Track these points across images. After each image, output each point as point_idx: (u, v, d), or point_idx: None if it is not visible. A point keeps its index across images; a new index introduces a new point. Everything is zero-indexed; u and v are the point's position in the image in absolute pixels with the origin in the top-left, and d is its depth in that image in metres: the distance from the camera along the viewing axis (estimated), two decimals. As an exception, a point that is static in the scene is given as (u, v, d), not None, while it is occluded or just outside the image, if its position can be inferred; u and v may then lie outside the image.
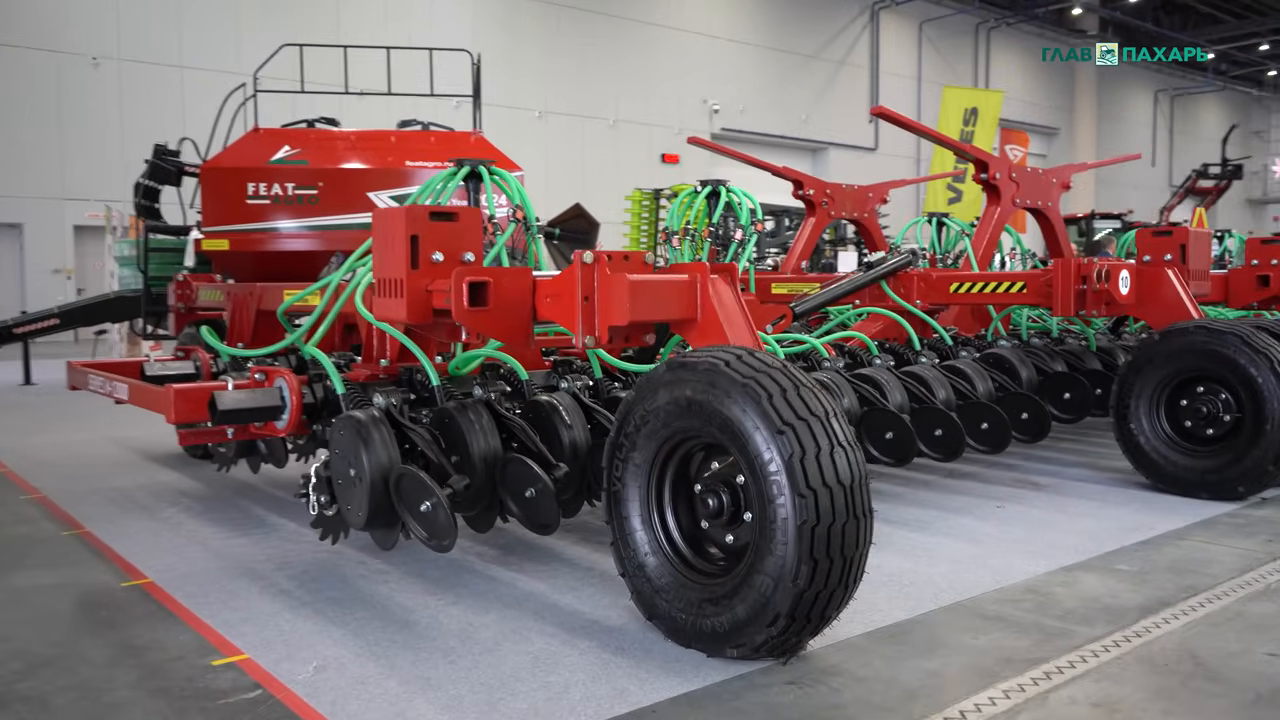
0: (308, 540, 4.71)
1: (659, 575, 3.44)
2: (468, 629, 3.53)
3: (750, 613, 3.09)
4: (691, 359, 3.30)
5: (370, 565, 4.31)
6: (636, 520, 3.52)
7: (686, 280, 3.76)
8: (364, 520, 3.72)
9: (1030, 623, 3.59)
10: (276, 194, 8.34)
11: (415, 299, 3.87)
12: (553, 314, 3.87)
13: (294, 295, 5.46)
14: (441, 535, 3.49)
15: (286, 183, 8.39)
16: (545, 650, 3.33)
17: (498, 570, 4.23)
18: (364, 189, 8.71)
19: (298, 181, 8.39)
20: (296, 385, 4.34)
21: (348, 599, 3.87)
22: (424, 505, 3.51)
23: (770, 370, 3.17)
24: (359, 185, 8.67)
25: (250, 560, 4.41)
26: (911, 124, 7.99)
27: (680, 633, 3.33)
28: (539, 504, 3.74)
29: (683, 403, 3.29)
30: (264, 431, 4.51)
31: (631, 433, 3.49)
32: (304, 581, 4.10)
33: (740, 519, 3.30)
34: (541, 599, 3.86)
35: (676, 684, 3.06)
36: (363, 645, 3.38)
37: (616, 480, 3.56)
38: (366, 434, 3.70)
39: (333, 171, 8.54)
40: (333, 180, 8.49)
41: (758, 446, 3.05)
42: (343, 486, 3.88)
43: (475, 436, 3.90)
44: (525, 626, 3.56)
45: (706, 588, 3.29)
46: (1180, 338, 5.66)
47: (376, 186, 8.81)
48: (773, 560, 3.03)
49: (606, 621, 3.62)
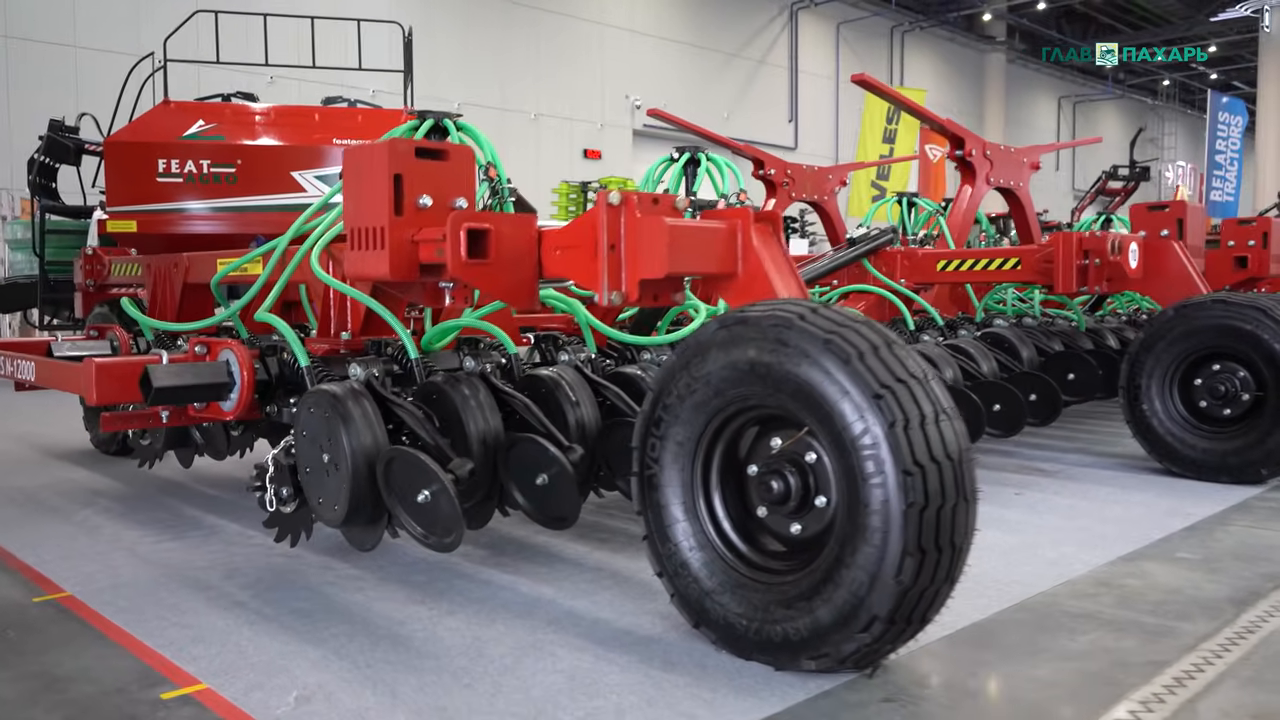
0: (257, 543, 4.02)
1: (708, 574, 2.88)
2: (475, 644, 2.92)
3: (837, 616, 2.56)
4: (755, 313, 2.76)
5: (338, 570, 3.65)
6: (678, 509, 2.95)
7: (726, 229, 3.22)
8: (342, 515, 3.07)
9: (1125, 620, 3.14)
10: (190, 172, 7.52)
11: (399, 251, 3.24)
12: (564, 268, 3.28)
13: (229, 264, 4.77)
14: (445, 529, 2.87)
15: (201, 160, 7.57)
16: (577, 668, 2.74)
17: (491, 573, 3.61)
18: (287, 168, 7.96)
19: (214, 159, 7.59)
20: (247, 358, 3.65)
21: (319, 611, 3.21)
22: (422, 494, 2.88)
23: (855, 324, 2.64)
24: (282, 164, 7.90)
25: (190, 568, 3.70)
26: (891, 93, 7.63)
27: (739, 642, 2.78)
28: (554, 492, 3.15)
29: (742, 366, 2.74)
30: (206, 414, 3.80)
31: (673, 405, 2.92)
32: (260, 591, 3.42)
33: (809, 505, 2.77)
34: (554, 606, 3.26)
35: (751, 706, 2.50)
36: (349, 668, 2.74)
37: (652, 462, 2.99)
38: (345, 410, 3.06)
39: (253, 149, 7.75)
40: (253, 158, 7.70)
41: (845, 415, 2.52)
42: (312, 476, 3.22)
43: (472, 415, 3.29)
44: (544, 640, 2.96)
45: (773, 588, 2.75)
46: (1197, 313, 5.33)
47: (301, 165, 8.06)
48: (867, 552, 2.50)
49: (639, 631, 3.04)
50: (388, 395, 3.19)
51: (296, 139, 8.11)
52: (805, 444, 2.78)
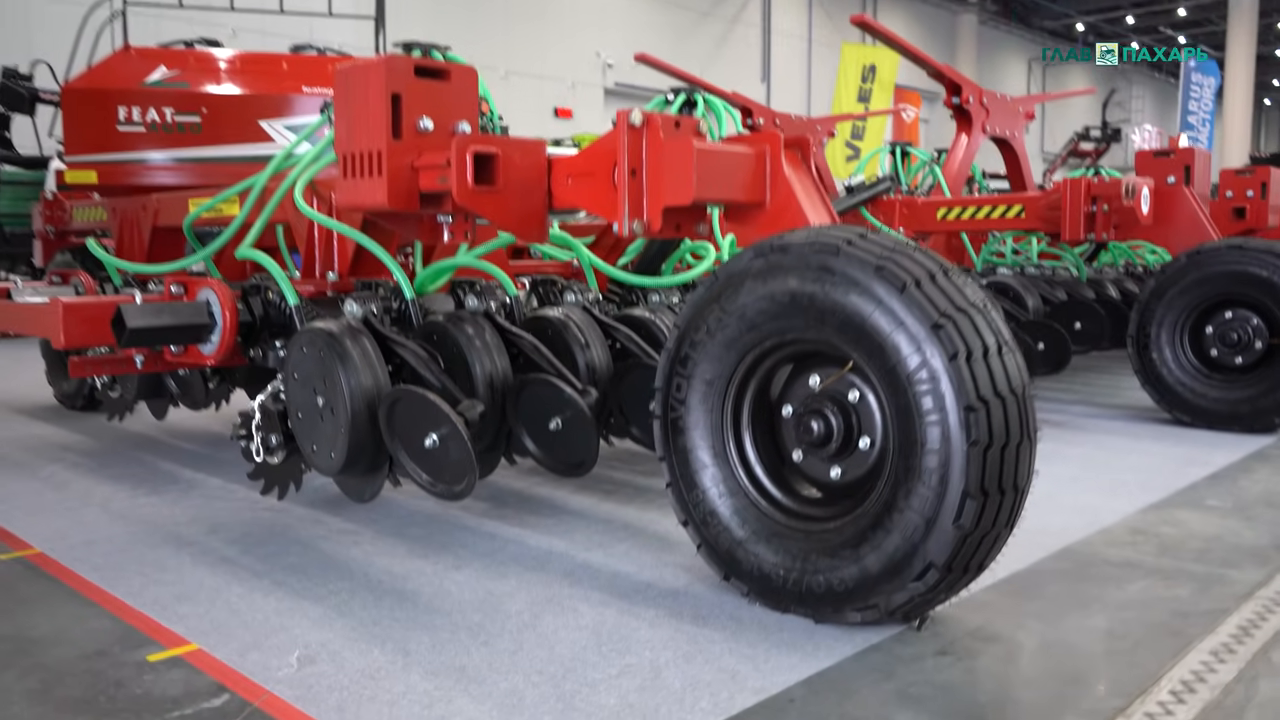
0: (241, 497, 3.76)
1: (740, 523, 2.67)
2: (488, 599, 2.70)
3: (887, 564, 2.37)
4: (796, 240, 2.53)
5: (329, 524, 3.41)
6: (705, 454, 2.74)
7: (754, 154, 2.98)
8: (339, 463, 2.83)
9: (1171, 569, 2.98)
10: (153, 120, 7.14)
11: (398, 178, 2.98)
12: (577, 198, 3.04)
13: (203, 204, 4.47)
14: (456, 476, 2.64)
15: (164, 108, 7.18)
16: (601, 623, 2.54)
17: (495, 526, 3.39)
18: (255, 117, 7.61)
19: (178, 107, 7.20)
20: (229, 298, 3.38)
21: (314, 567, 2.97)
22: (430, 438, 2.65)
23: (908, 250, 2.43)
24: (249, 112, 7.53)
25: (170, 523, 3.44)
26: (893, 36, 7.38)
27: (775, 593, 2.58)
28: (571, 435, 2.92)
29: (782, 298, 2.52)
30: (184, 359, 3.53)
31: (701, 341, 2.70)
32: (249, 547, 3.17)
33: (852, 447, 2.57)
34: (567, 559, 3.05)
35: (796, 661, 2.31)
36: (354, 625, 2.52)
37: (677, 404, 2.77)
38: (342, 349, 2.80)
39: (219, 97, 7.37)
40: (219, 107, 7.31)
41: (900, 348, 2.31)
42: (304, 422, 2.98)
43: (478, 355, 3.05)
44: (561, 594, 2.75)
45: (813, 536, 2.55)
46: (1210, 259, 5.18)
47: (270, 114, 7.71)
48: (923, 494, 2.30)
49: (663, 584, 2.84)
50: (388, 333, 2.94)
51: (264, 87, 7.73)
52: (847, 382, 2.58)
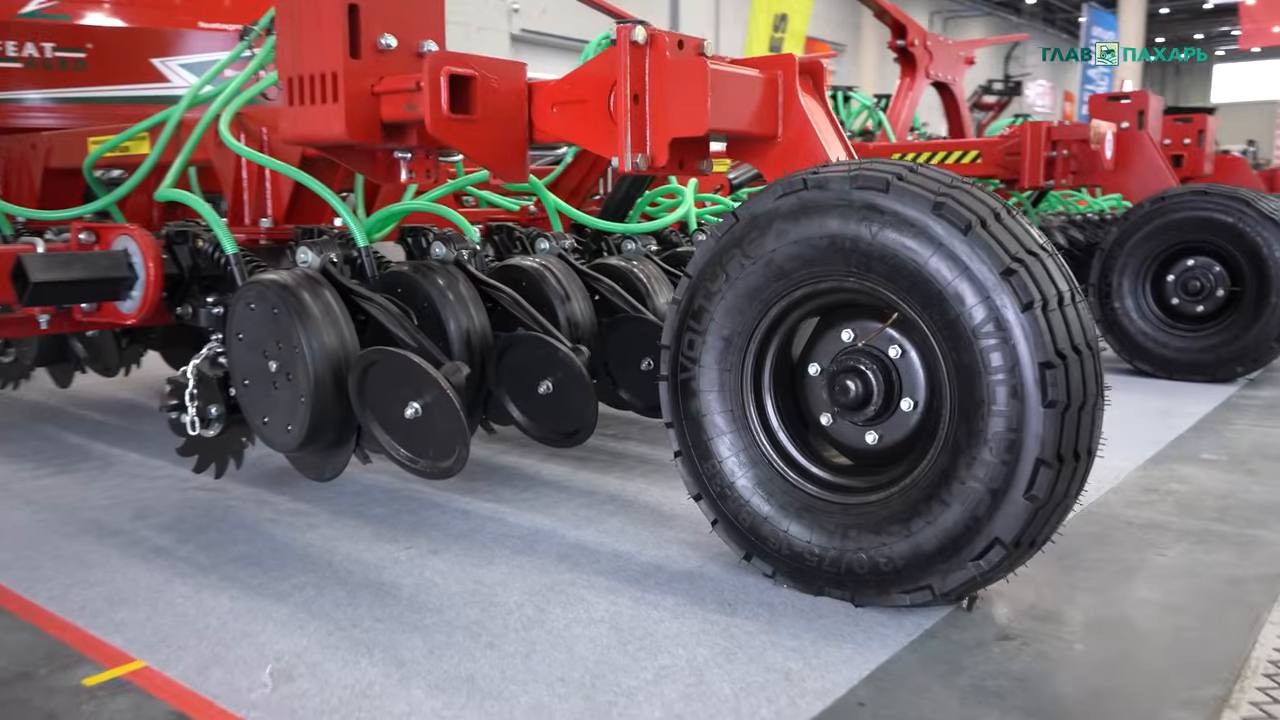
0: (166, 475, 3.32)
1: (765, 496, 2.38)
2: (479, 590, 2.36)
3: (944, 541, 2.11)
4: (836, 174, 2.22)
5: (276, 504, 3.01)
6: (722, 419, 2.44)
7: (764, 79, 2.65)
8: (299, 437, 2.44)
9: (1199, 530, 2.81)
10: (30, 56, 6.40)
11: (357, 104, 2.57)
12: (563, 129, 2.67)
13: (105, 142, 3.95)
14: (444, 450, 2.28)
15: (44, 42, 6.46)
16: (618, 615, 2.23)
17: (466, 501, 3.04)
18: (147, 54, 6.94)
19: (59, 41, 6.49)
20: (152, 247, 2.91)
21: (268, 557, 2.58)
22: (413, 407, 2.28)
23: (967, 185, 2.15)
24: (141, 49, 6.85)
25: (86, 508, 2.99)
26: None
27: (807, 574, 2.31)
28: (566, 400, 2.58)
29: (818, 241, 2.22)
30: (97, 319, 3.05)
31: (719, 292, 2.39)
32: (186, 535, 2.76)
33: (892, 409, 2.30)
34: (556, 538, 2.72)
35: (850, 653, 2.04)
36: (330, 629, 2.15)
37: (689, 363, 2.46)
38: (301, 305, 2.40)
39: (106, 31, 6.66)
40: (106, 42, 6.61)
41: (964, 297, 2.04)
42: (253, 390, 2.57)
43: (452, 310, 2.67)
44: (562, 581, 2.43)
45: (854, 510, 2.28)
46: (1175, 206, 5.08)
47: (164, 51, 7.05)
48: (989, 463, 2.04)
49: (671, 565, 2.54)
50: (351, 286, 2.54)
51: (158, 21, 7.06)
52: (885, 336, 2.30)
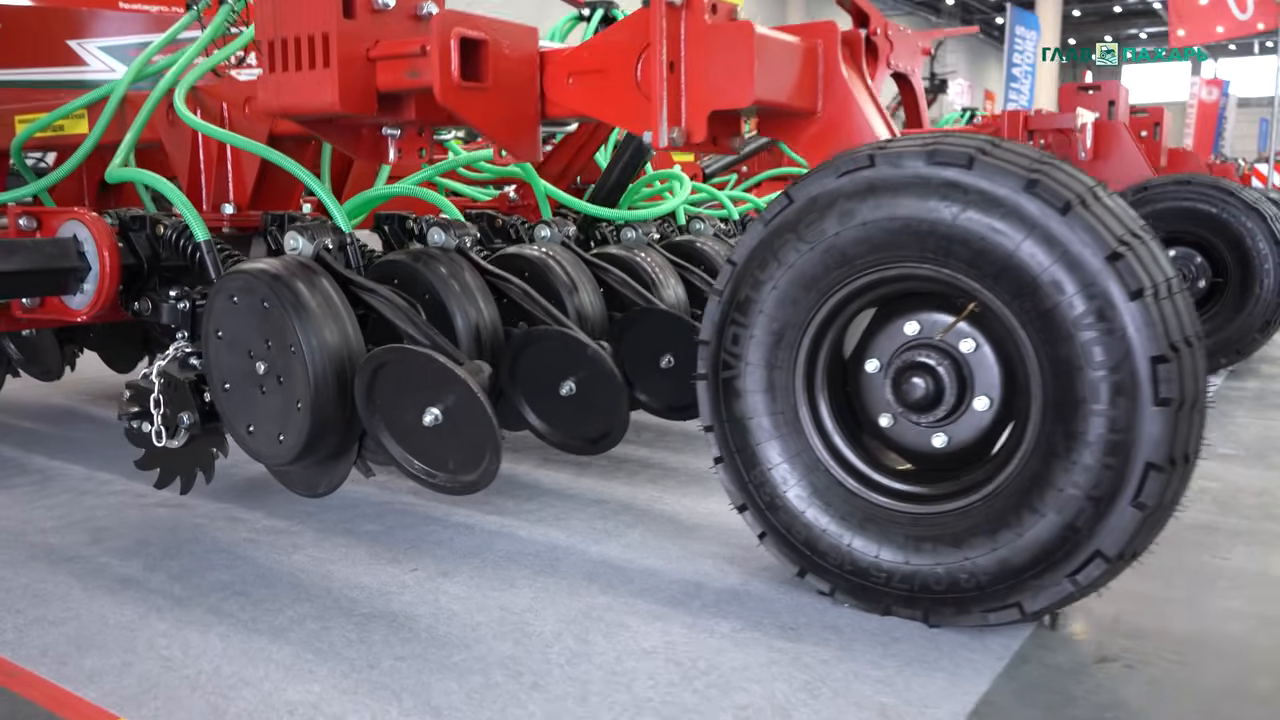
0: (118, 491, 2.96)
1: (822, 506, 2.16)
2: (507, 619, 2.09)
3: (1036, 554, 1.90)
4: (909, 148, 2.01)
5: (250, 522, 2.69)
6: (770, 421, 2.20)
7: (803, 47, 2.42)
8: (295, 448, 2.13)
9: (1253, 530, 2.68)
10: (-73, 34, 5.92)
11: (352, 70, 2.27)
12: (581, 101, 2.42)
13: (36, 120, 3.58)
14: (469, 461, 2.00)
15: (-58, 19, 5.98)
16: (672, 644, 1.97)
17: (466, 514, 2.75)
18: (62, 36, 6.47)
19: (-42, 18, 6.02)
20: (106, 234, 2.57)
21: (254, 585, 2.27)
22: (432, 413, 1.99)
23: (1056, 160, 1.95)
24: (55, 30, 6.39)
25: (32, 530, 2.63)
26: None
27: (873, 592, 2.09)
28: (593, 402, 2.32)
29: (890, 224, 1.99)
30: (40, 316, 2.69)
31: (768, 282, 2.15)
32: (154, 561, 2.42)
33: (963, 409, 2.09)
34: (577, 555, 2.46)
35: (945, 684, 1.82)
36: (345, 671, 1.86)
37: (731, 360, 2.22)
38: (298, 298, 2.09)
39: (15, 10, 6.19)
40: (14, 21, 6.14)
41: (1063, 284, 1.83)
42: (235, 395, 2.25)
43: (458, 302, 2.39)
44: (597, 605, 2.16)
45: (926, 521, 2.06)
46: (1159, 195, 5.01)
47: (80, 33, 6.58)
48: (1090, 467, 1.84)
49: (713, 582, 2.30)
50: (351, 276, 2.24)
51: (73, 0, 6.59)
52: (955, 330, 2.09)
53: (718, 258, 3.40)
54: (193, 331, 2.57)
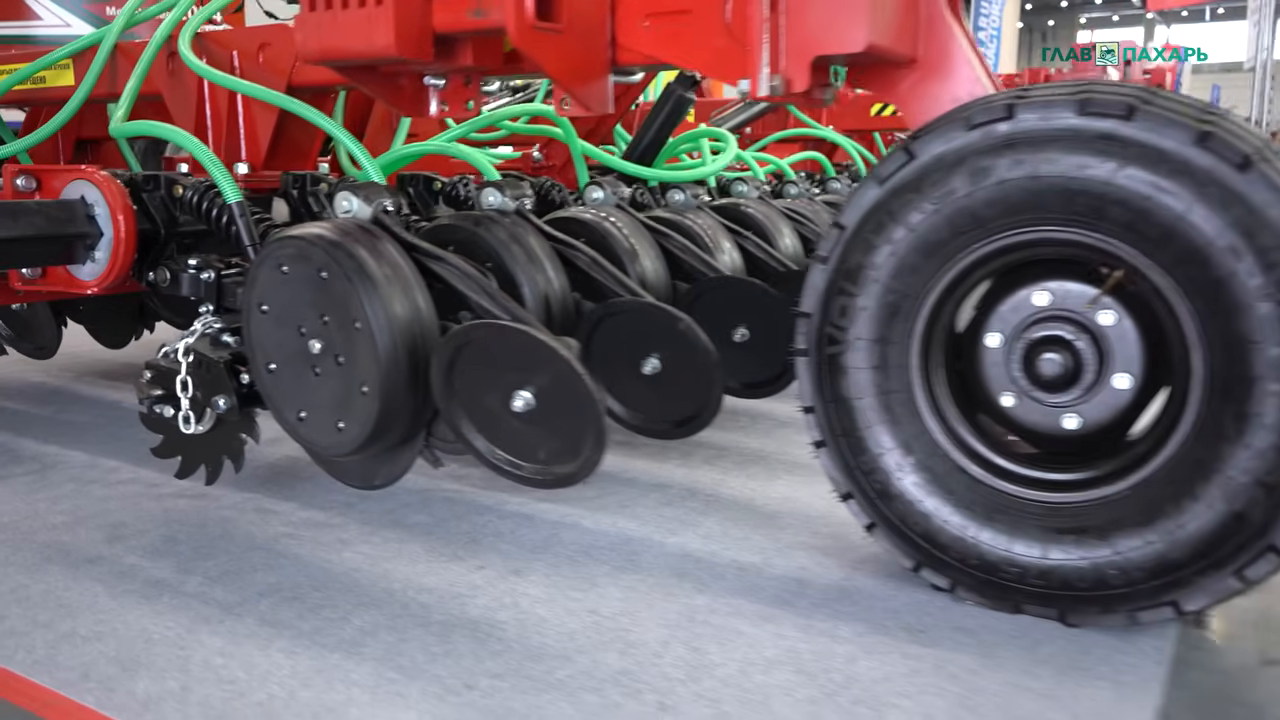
0: (126, 479, 2.70)
1: (942, 495, 1.96)
2: (602, 625, 1.87)
3: (1198, 547, 1.73)
4: (1052, 97, 1.80)
5: (284, 514, 2.44)
6: (880, 401, 2.00)
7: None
8: (360, 437, 1.89)
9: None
10: None
11: (408, 8, 2.01)
12: (658, 47, 2.18)
13: (16, 71, 3.28)
14: (568, 449, 1.77)
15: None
16: (796, 654, 1.77)
17: (520, 502, 2.52)
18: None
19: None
20: (120, 195, 2.28)
21: (308, 588, 2.03)
22: (523, 397, 1.75)
23: (1223, 111, 1.75)
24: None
25: (42, 528, 2.36)
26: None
27: (1004, 588, 1.90)
28: (679, 380, 2.10)
29: (1029, 182, 1.79)
30: (43, 288, 2.41)
31: (884, 247, 1.94)
32: (187, 562, 2.17)
33: (1101, 387, 1.90)
34: (655, 548, 2.24)
35: (1110, 695, 1.64)
36: (441, 694, 1.63)
37: (838, 334, 2.01)
38: (362, 266, 1.83)
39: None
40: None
41: (1239, 248, 1.64)
42: (283, 377, 2.00)
43: (527, 270, 2.15)
44: (698, 607, 1.96)
45: (1066, 511, 1.88)
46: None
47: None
48: (1263, 453, 1.67)
49: (815, 579, 2.10)
50: (416, 242, 1.98)
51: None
52: (1100, 301, 1.90)
53: (767, 221, 3.18)
54: (218, 304, 2.31)
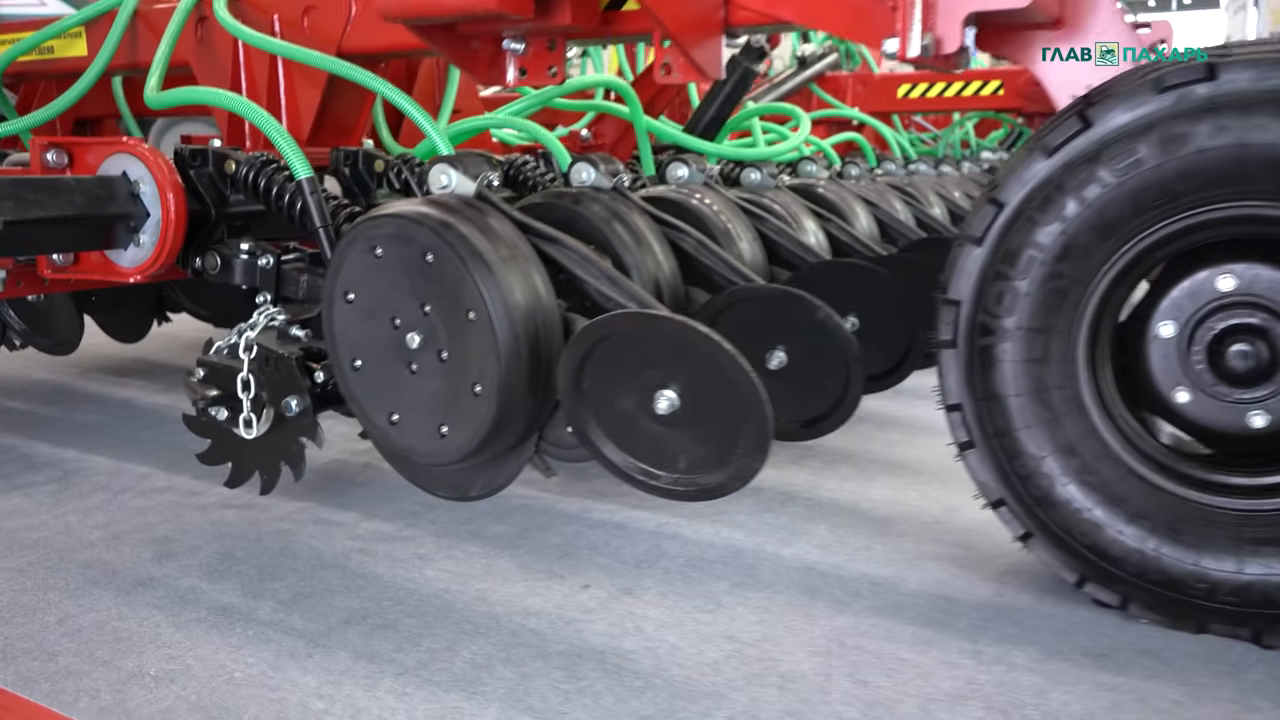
0: (160, 488, 2.44)
1: (1113, 503, 1.76)
2: (744, 654, 1.65)
3: None
4: (1256, 56, 1.60)
5: (350, 527, 2.20)
6: (1041, 398, 1.80)
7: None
8: (470, 444, 1.65)
9: None
10: None
11: (512, -43, 1.78)
12: (783, 5, 1.95)
13: (21, 40, 3.03)
14: (720, 455, 1.54)
15: None
16: (978, 686, 1.56)
17: (608, 509, 2.29)
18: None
19: None
20: (169, 172, 2.02)
21: (396, 614, 1.79)
22: (666, 396, 1.52)
23: None
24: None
25: (78, 545, 2.10)
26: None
27: (1188, 606, 1.71)
28: (811, 373, 1.88)
29: (1240, 152, 1.59)
30: (77, 275, 2.14)
31: (1050, 226, 1.73)
32: (252, 584, 1.92)
33: (1296, 380, 1.71)
34: (772, 561, 2.03)
35: (1341, 729, 1.45)
36: (578, 739, 1.41)
37: (993, 322, 1.80)
38: (477, 248, 1.59)
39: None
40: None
41: None
42: (372, 374, 1.75)
43: (634, 254, 1.93)
44: (844, 630, 1.74)
45: (1261, 520, 1.68)
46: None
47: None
48: None
49: (961, 595, 1.89)
50: (529, 222, 1.74)
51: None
52: None
53: (842, 203, 2.97)
54: (277, 294, 2.06)
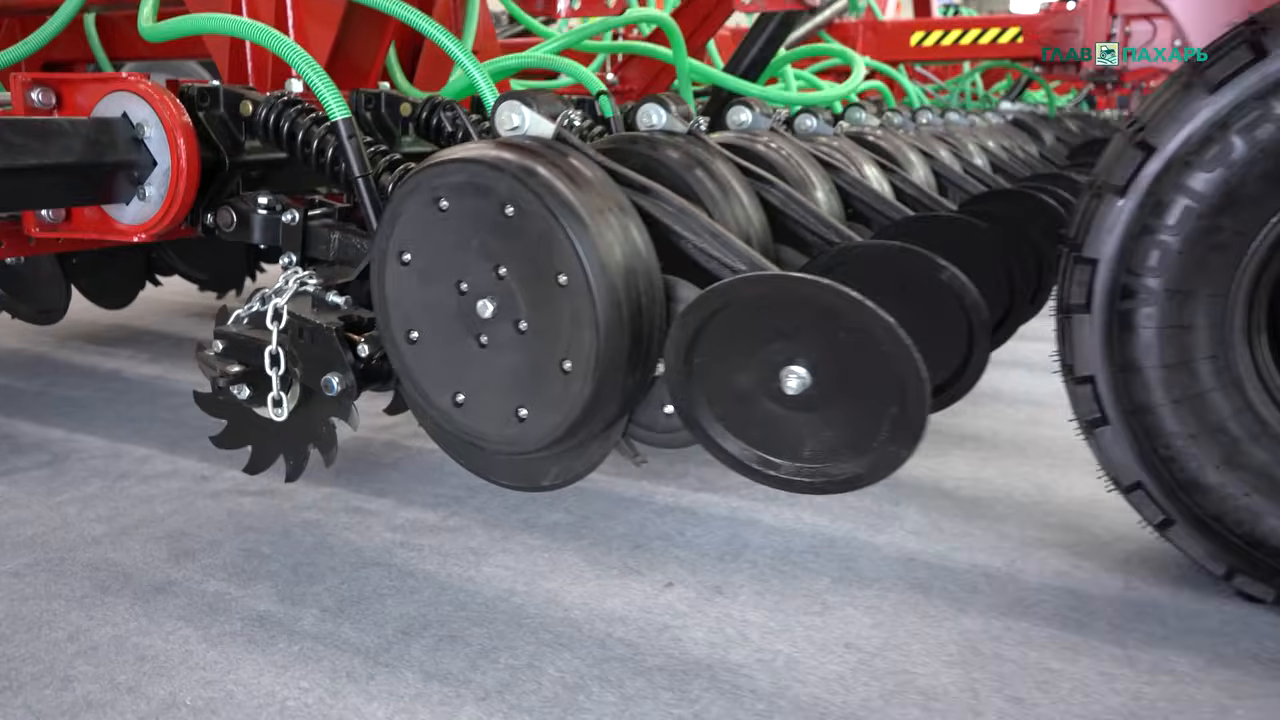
0: (164, 473, 2.18)
1: (1267, 487, 1.57)
2: (869, 667, 1.44)
3: None
4: None
5: (388, 517, 1.96)
6: (1187, 370, 1.59)
7: None
8: (557, 429, 1.40)
9: None
10: None
11: None
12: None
13: None
14: (860, 440, 1.30)
15: None
16: (1145, 701, 1.37)
17: (671, 492, 2.07)
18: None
19: None
20: (178, 112, 1.74)
21: (461, 623, 1.56)
22: (796, 374, 1.29)
23: None
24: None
25: (80, 541, 1.84)
26: None
27: (1356, 604, 1.53)
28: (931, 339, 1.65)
29: None
30: (70, 233, 1.86)
31: (1211, 175, 1.52)
32: (286, 586, 1.68)
33: None
34: (868, 550, 1.82)
35: None
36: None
37: (1135, 283, 1.58)
38: (567, 200, 1.34)
39: None
40: None
41: None
42: (433, 348, 1.50)
43: (720, 205, 1.69)
44: (973, 634, 1.54)
45: None
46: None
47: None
48: None
49: (1085, 589, 1.69)
50: (619, 169, 1.49)
51: None
52: None
53: (898, 153, 2.74)
54: (303, 254, 1.80)
